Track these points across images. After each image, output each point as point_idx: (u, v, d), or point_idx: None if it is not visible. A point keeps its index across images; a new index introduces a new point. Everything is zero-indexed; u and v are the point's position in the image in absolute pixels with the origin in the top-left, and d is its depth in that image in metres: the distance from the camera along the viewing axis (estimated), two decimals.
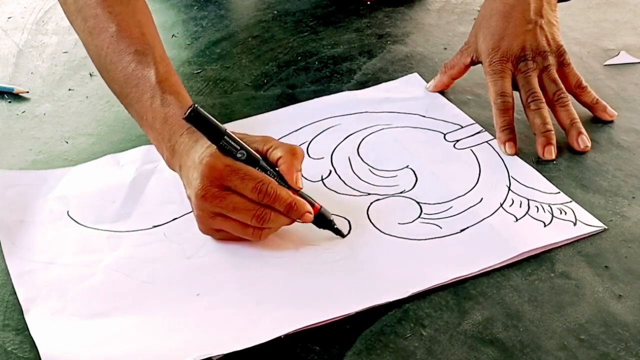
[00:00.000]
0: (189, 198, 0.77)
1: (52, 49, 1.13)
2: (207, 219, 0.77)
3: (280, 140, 0.92)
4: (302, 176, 0.79)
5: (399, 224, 0.80)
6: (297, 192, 0.77)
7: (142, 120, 0.83)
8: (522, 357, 0.66)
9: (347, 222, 0.81)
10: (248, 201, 0.75)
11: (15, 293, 0.74)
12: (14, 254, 0.78)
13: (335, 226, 0.79)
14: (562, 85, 0.93)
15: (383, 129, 0.94)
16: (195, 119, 0.75)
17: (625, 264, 0.75)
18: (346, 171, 0.88)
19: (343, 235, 0.79)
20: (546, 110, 0.91)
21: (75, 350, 0.68)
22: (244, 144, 0.77)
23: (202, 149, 0.76)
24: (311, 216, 0.77)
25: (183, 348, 0.67)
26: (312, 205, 0.77)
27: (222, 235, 0.78)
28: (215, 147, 0.76)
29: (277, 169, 0.77)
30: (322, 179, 0.87)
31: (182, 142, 0.79)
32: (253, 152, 0.77)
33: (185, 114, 0.75)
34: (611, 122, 0.94)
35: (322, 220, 0.78)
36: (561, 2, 1.00)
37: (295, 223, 0.77)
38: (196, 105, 0.75)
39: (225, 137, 0.76)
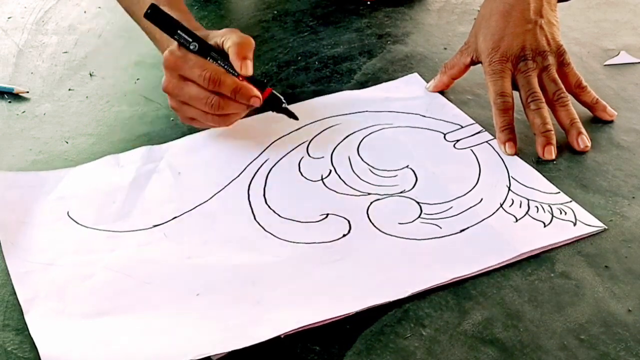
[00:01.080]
0: None
1: (52, 49, 1.13)
2: (178, 109, 0.87)
3: (280, 139, 0.92)
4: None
5: (399, 224, 0.80)
6: (247, 79, 0.84)
7: (147, 34, 0.95)
8: (522, 357, 0.66)
9: (347, 222, 0.81)
10: (201, 90, 0.84)
11: (15, 293, 0.74)
12: (14, 255, 0.78)
13: (285, 106, 0.87)
14: (562, 85, 0.93)
15: (383, 128, 0.94)
16: (152, 16, 0.85)
17: (625, 264, 0.75)
18: (346, 171, 0.88)
19: (296, 118, 0.86)
20: (546, 110, 0.91)
21: (75, 350, 0.68)
22: (199, 37, 0.85)
23: (169, 46, 0.86)
24: (258, 100, 0.84)
25: (183, 347, 0.67)
26: (264, 88, 0.85)
27: (196, 124, 0.89)
28: (176, 43, 0.85)
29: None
30: (322, 179, 0.87)
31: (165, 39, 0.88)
32: (207, 44, 0.85)
33: (145, 12, 0.84)
34: (611, 122, 0.94)
35: (274, 103, 0.85)
36: (561, 2, 1.00)
37: (301, 224, 0.77)
38: (154, 3, 0.85)
39: (179, 30, 0.84)
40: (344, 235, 0.79)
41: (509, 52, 0.93)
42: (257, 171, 0.88)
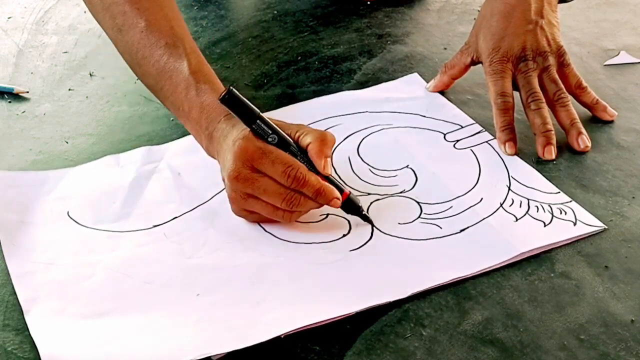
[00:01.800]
0: (224, 180, 0.79)
1: (52, 49, 1.13)
2: (239, 200, 0.78)
3: None
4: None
5: (399, 224, 0.80)
6: (325, 177, 0.78)
7: (178, 112, 0.84)
8: (522, 357, 0.66)
9: (347, 222, 0.81)
10: (278, 185, 0.77)
11: (15, 293, 0.74)
12: (14, 255, 0.78)
13: (364, 212, 0.80)
14: (562, 86, 0.93)
15: (383, 129, 0.94)
16: (229, 101, 0.78)
17: (625, 264, 0.75)
18: (346, 171, 0.88)
19: (372, 223, 0.80)
20: (546, 110, 0.91)
21: (75, 350, 0.68)
22: (277, 128, 0.78)
23: (237, 133, 0.78)
24: (339, 202, 0.78)
25: (183, 347, 0.67)
26: (342, 191, 0.79)
27: (254, 217, 0.80)
28: (249, 130, 0.77)
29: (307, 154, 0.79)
30: None
31: (219, 128, 0.80)
32: (285, 136, 0.78)
33: (220, 95, 0.77)
34: (611, 122, 0.94)
35: (351, 206, 0.80)
36: (562, 3, 1.00)
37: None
38: (232, 87, 0.78)
39: (258, 120, 0.77)
40: (344, 235, 0.79)
41: (509, 52, 0.93)
42: None
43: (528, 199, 0.83)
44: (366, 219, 0.80)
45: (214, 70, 0.89)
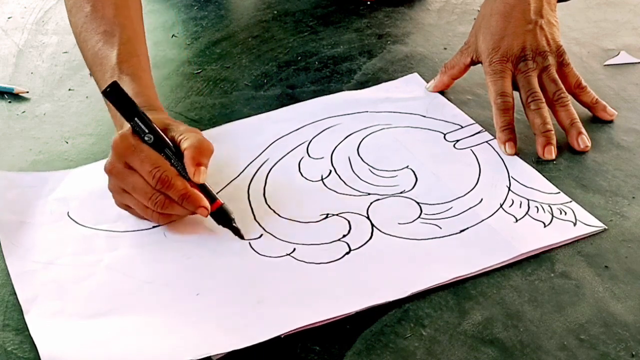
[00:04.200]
0: None
1: (52, 49, 1.13)
2: (115, 193, 0.80)
3: (280, 139, 0.92)
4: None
5: (399, 224, 0.80)
6: (198, 186, 0.78)
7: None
8: (522, 357, 0.66)
9: (347, 222, 0.81)
10: (147, 184, 0.77)
11: (15, 293, 0.74)
12: (14, 255, 0.78)
13: (235, 225, 0.79)
14: (562, 85, 0.93)
15: (383, 129, 0.94)
16: (110, 95, 0.79)
17: (625, 264, 0.75)
18: (346, 171, 0.88)
19: (242, 237, 0.79)
20: (546, 110, 0.91)
21: (75, 350, 0.68)
22: (157, 129, 0.79)
23: (123, 128, 0.80)
24: (206, 212, 0.78)
25: (183, 347, 0.67)
26: (214, 200, 0.78)
27: (132, 212, 0.81)
28: (130, 127, 0.79)
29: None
30: (322, 179, 0.87)
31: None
32: (164, 138, 0.79)
33: (104, 89, 0.79)
34: (611, 122, 0.94)
35: (222, 217, 0.79)
36: (561, 2, 1.00)
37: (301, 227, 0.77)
38: (116, 82, 0.79)
39: (136, 118, 0.78)
40: (344, 236, 0.79)
41: (509, 52, 0.93)
42: (257, 171, 0.88)
43: (528, 200, 0.83)
44: (237, 232, 0.79)
45: (214, 71, 0.89)
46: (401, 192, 0.85)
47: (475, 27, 0.98)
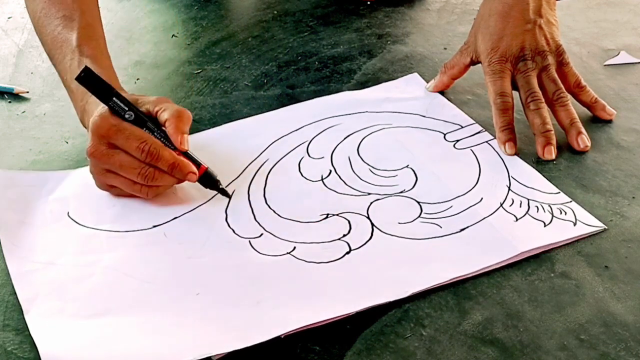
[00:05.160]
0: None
1: None
2: (99, 175, 0.82)
3: (280, 139, 0.92)
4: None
5: (399, 223, 0.80)
6: (183, 153, 0.82)
7: (64, 81, 0.90)
8: (522, 357, 0.66)
9: (347, 222, 0.81)
10: (134, 160, 0.80)
11: (15, 293, 0.74)
12: (14, 255, 0.78)
13: (221, 187, 0.83)
14: (561, 85, 0.93)
15: (383, 128, 0.94)
16: (85, 80, 0.81)
17: (625, 264, 0.75)
18: (346, 171, 0.88)
19: (229, 196, 0.83)
20: (545, 110, 0.91)
21: (75, 350, 0.68)
22: (134, 106, 0.82)
23: (97, 110, 0.82)
24: (195, 176, 0.82)
25: (183, 347, 0.67)
26: (199, 165, 0.82)
27: (117, 192, 0.83)
28: (107, 108, 0.81)
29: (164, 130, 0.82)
30: (322, 179, 0.87)
31: (90, 102, 0.84)
32: (142, 113, 0.82)
33: (77, 75, 0.81)
34: (611, 122, 0.94)
35: (208, 181, 0.83)
36: (560, 0, 1.00)
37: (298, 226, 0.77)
38: (87, 67, 0.82)
39: (115, 97, 0.81)
40: (344, 235, 0.79)
41: (508, 52, 0.93)
42: (257, 171, 0.88)
43: (528, 199, 0.83)
44: (224, 192, 0.83)
45: (214, 71, 0.89)
46: (401, 192, 0.85)
47: (474, 27, 0.98)
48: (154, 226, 0.81)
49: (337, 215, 0.81)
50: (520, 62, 0.93)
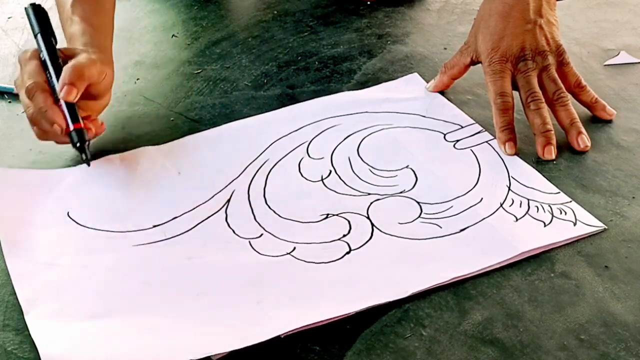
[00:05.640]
0: None
1: None
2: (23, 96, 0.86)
3: (280, 139, 0.92)
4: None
5: (399, 223, 0.80)
6: (67, 106, 0.83)
7: (67, 41, 0.93)
8: (522, 357, 0.66)
9: (347, 222, 0.81)
10: (25, 96, 0.85)
11: (15, 293, 0.74)
12: (14, 255, 0.78)
13: (83, 147, 0.84)
14: (561, 85, 0.93)
15: (383, 129, 0.94)
16: (29, 11, 0.91)
17: (625, 264, 0.75)
18: (346, 171, 0.88)
19: (88, 162, 0.85)
20: (546, 110, 0.91)
21: (75, 351, 0.68)
22: (56, 51, 0.87)
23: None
24: (59, 128, 0.83)
25: (183, 347, 0.67)
26: (76, 121, 0.83)
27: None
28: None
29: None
30: (322, 179, 0.87)
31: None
32: (58, 60, 0.86)
33: (30, 4, 0.90)
34: (611, 122, 0.94)
35: (76, 139, 0.84)
36: (560, 0, 1.00)
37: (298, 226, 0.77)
38: (37, 4, 0.91)
39: (39, 35, 0.88)
40: (344, 235, 0.79)
41: (508, 52, 0.93)
42: (257, 171, 0.88)
43: (528, 199, 0.83)
44: (84, 153, 0.84)
45: (214, 71, 0.89)
46: (401, 192, 0.85)
47: (474, 27, 0.98)
48: (154, 226, 0.81)
49: (337, 215, 0.81)
50: (520, 62, 0.93)
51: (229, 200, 0.84)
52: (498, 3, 0.95)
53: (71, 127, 0.84)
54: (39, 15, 0.90)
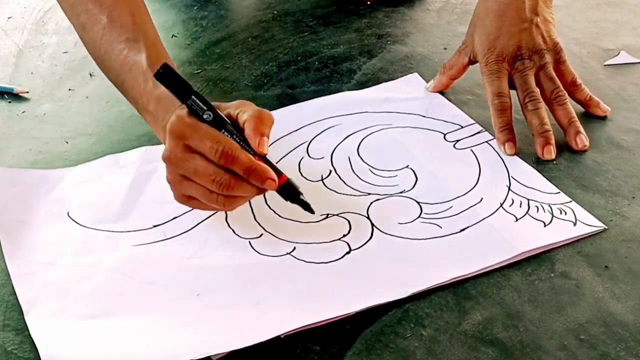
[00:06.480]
0: None
1: (52, 49, 1.13)
2: (176, 184, 0.76)
3: (280, 139, 0.92)
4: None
5: (399, 223, 0.80)
6: (262, 158, 0.75)
7: (137, 105, 0.84)
8: (522, 357, 0.66)
9: (347, 222, 0.81)
10: (210, 164, 0.73)
11: (15, 293, 0.74)
12: (14, 255, 0.78)
13: (303, 199, 0.77)
14: (559, 83, 0.93)
15: (383, 129, 0.94)
16: (163, 76, 0.75)
17: (625, 264, 0.75)
18: (346, 171, 0.88)
19: (312, 211, 0.77)
20: (544, 110, 0.91)
21: (75, 351, 0.68)
22: (212, 106, 0.75)
23: (176, 110, 0.76)
24: (274, 183, 0.74)
25: (183, 347, 0.67)
26: (280, 174, 0.76)
27: (195, 204, 0.77)
28: (185, 108, 0.75)
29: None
30: (322, 179, 0.87)
31: None
32: (221, 114, 0.76)
33: (155, 71, 0.75)
34: (611, 122, 0.94)
35: (289, 192, 0.76)
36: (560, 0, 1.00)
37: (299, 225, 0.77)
38: (166, 63, 0.76)
39: (193, 96, 0.75)
40: (344, 236, 0.79)
41: (505, 51, 0.93)
42: None
43: (528, 199, 0.83)
44: (306, 206, 0.77)
45: (214, 71, 0.89)
46: (401, 192, 0.85)
47: (471, 27, 0.98)
48: (154, 226, 0.81)
49: (337, 215, 0.81)
50: (517, 62, 0.93)
51: None
52: (493, 2, 0.95)
53: (275, 179, 0.75)
54: (173, 74, 0.76)
